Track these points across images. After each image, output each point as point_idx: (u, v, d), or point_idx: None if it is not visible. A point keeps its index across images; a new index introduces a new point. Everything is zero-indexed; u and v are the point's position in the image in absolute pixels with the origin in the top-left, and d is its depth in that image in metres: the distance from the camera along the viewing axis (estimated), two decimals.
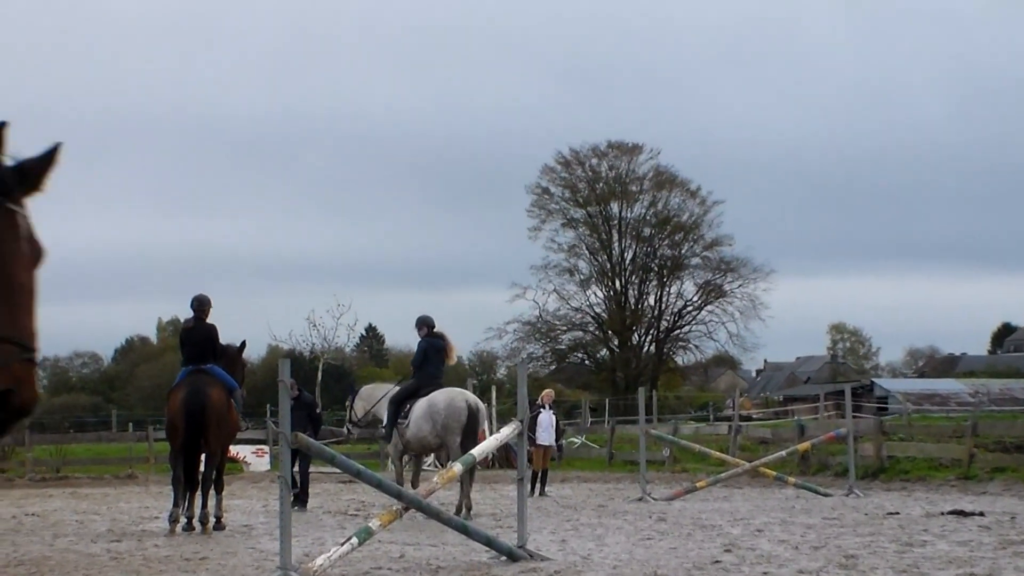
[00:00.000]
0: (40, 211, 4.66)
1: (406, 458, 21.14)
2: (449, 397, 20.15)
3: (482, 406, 20.66)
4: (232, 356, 18.96)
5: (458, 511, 19.11)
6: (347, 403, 23.32)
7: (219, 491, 18.41)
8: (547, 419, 27.26)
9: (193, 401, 17.52)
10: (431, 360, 20.76)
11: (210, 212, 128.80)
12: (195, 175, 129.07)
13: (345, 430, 25.32)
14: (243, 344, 19.56)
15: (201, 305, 18.47)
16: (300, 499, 22.02)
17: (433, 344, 20.81)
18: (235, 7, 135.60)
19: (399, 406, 20.68)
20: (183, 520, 17.66)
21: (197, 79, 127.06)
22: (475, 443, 19.47)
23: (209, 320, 18.44)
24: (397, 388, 21.47)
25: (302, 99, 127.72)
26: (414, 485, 19.40)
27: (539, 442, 26.88)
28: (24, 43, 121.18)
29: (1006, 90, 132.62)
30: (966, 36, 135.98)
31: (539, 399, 27.24)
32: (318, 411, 25.51)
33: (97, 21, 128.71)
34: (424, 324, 20.98)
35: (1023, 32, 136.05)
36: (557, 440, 28.10)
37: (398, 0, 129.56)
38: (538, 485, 25.98)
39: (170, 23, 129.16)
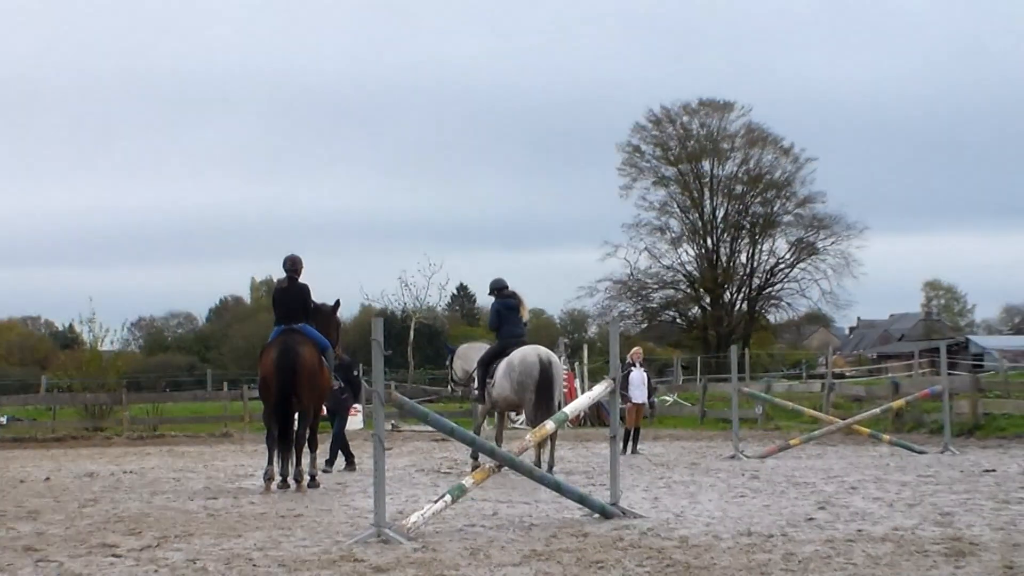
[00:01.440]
0: (128, 174, 4.39)
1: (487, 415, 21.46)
2: (523, 354, 19.99)
3: (555, 359, 20.35)
4: (326, 315, 19.01)
5: (539, 464, 18.98)
6: (447, 363, 23.46)
7: (313, 449, 18.53)
8: (639, 377, 27.19)
9: (284, 360, 17.57)
10: (507, 319, 20.67)
11: (304, 174, 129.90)
12: (290, 137, 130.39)
13: (449, 389, 27.36)
14: (337, 303, 19.60)
15: (293, 265, 18.45)
16: (349, 461, 22.13)
17: (505, 303, 20.74)
18: None
19: (487, 367, 20.69)
20: (278, 478, 17.79)
21: (293, 42, 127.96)
22: (549, 398, 19.44)
23: (301, 280, 18.47)
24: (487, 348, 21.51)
25: (393, 62, 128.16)
26: (497, 442, 19.37)
27: (633, 400, 26.86)
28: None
29: None
30: None
31: (628, 357, 27.13)
32: (355, 373, 25.41)
33: None
34: (496, 288, 20.93)
35: None
36: (649, 397, 28.02)
37: None
38: (630, 443, 25.96)
39: None
